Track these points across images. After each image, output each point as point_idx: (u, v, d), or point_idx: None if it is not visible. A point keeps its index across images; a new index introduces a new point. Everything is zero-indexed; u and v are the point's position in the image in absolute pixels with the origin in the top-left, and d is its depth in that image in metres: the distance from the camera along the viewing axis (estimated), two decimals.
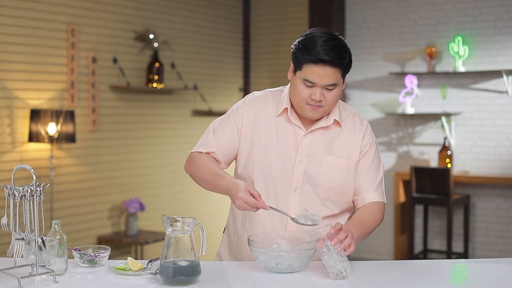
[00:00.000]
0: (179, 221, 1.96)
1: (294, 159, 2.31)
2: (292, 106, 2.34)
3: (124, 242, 5.46)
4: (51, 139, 4.82)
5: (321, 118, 2.34)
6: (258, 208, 2.14)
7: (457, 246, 6.32)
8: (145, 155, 5.98)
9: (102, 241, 5.45)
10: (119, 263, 2.18)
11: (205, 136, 2.41)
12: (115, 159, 5.70)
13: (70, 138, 4.93)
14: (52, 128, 4.81)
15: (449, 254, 5.94)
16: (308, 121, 2.35)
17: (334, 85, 2.23)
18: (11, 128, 4.83)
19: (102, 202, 5.57)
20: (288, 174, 2.31)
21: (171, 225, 1.96)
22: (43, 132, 4.80)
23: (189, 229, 1.96)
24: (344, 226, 2.14)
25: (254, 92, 2.47)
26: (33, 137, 4.84)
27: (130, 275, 2.07)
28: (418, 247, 6.52)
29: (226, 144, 2.37)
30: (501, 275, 2.12)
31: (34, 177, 1.96)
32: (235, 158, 2.42)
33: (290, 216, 2.17)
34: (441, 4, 6.37)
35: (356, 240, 2.15)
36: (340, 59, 2.20)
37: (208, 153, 2.37)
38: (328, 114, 2.34)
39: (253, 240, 2.12)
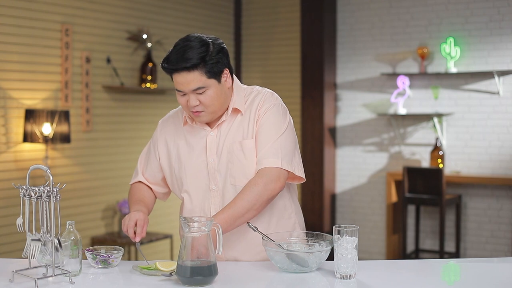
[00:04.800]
0: (196, 221, 1.97)
1: (206, 160, 2.34)
2: None
3: (117, 243, 5.43)
4: (46, 139, 4.78)
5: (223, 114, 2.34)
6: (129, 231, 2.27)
7: (449, 246, 6.37)
8: (138, 156, 5.94)
9: (96, 241, 5.42)
10: (142, 262, 2.20)
11: (136, 168, 2.63)
12: (109, 159, 5.67)
13: (65, 138, 4.89)
14: (47, 128, 4.78)
15: (441, 253, 5.97)
16: (213, 120, 2.36)
17: (202, 88, 2.21)
18: (6, 128, 4.79)
19: (96, 202, 5.55)
20: (204, 176, 2.34)
21: (188, 225, 1.96)
22: (37, 132, 4.76)
23: (206, 230, 1.96)
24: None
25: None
26: (27, 137, 4.80)
27: (156, 274, 2.07)
28: (410, 246, 6.55)
29: (150, 170, 2.54)
30: (492, 274, 2.14)
31: (51, 177, 1.95)
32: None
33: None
34: (433, 5, 6.41)
35: (226, 230, 2.19)
36: (187, 62, 2.17)
37: (139, 181, 2.58)
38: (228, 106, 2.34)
39: (268, 240, 2.13)
